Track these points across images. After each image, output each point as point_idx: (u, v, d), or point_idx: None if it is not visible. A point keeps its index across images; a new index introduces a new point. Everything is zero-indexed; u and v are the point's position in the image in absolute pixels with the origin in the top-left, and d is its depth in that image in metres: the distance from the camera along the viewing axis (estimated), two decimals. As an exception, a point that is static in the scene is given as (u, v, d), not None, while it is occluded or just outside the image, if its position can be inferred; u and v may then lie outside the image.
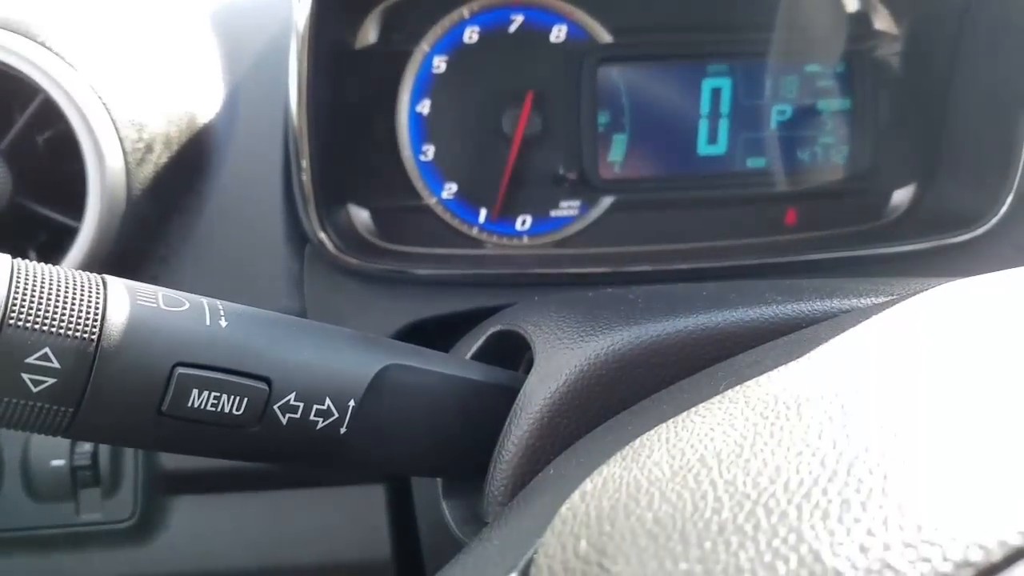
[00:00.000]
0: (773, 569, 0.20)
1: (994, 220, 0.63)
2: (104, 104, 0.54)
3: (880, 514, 0.20)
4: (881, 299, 0.41)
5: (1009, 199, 0.62)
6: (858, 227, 0.70)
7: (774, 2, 0.67)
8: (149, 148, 0.56)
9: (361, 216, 0.64)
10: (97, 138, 0.53)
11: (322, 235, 0.58)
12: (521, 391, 0.38)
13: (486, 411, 0.39)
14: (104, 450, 0.57)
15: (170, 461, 0.58)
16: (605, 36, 0.66)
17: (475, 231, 0.67)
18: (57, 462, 0.57)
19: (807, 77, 0.70)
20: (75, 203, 0.54)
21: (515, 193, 0.66)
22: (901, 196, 0.70)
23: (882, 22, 0.69)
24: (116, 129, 0.54)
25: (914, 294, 0.38)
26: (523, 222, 0.67)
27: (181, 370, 0.31)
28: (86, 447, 0.57)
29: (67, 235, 0.54)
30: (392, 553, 0.59)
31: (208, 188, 0.60)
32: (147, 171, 0.56)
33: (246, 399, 0.32)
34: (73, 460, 0.57)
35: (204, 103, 0.61)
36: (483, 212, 0.66)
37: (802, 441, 0.24)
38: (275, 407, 0.33)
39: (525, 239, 0.67)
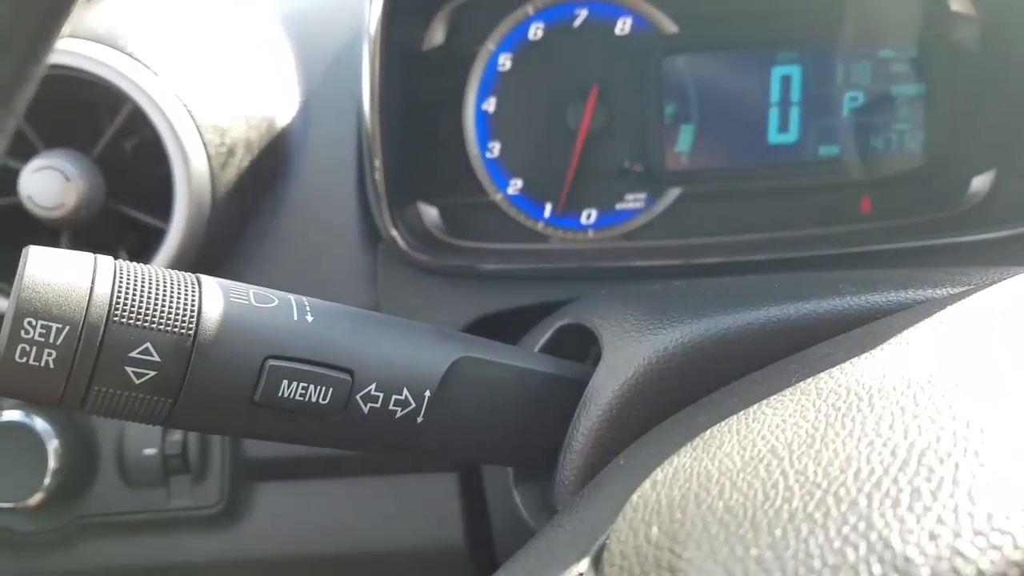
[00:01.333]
0: (843, 555, 0.21)
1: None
2: (188, 110, 0.57)
3: (951, 503, 0.21)
4: (956, 289, 0.41)
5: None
6: (935, 215, 0.68)
7: (844, -14, 0.66)
8: (231, 152, 0.58)
9: (430, 213, 0.66)
10: (183, 143, 0.56)
11: (394, 232, 0.59)
12: (589, 383, 0.39)
13: (555, 403, 0.40)
14: (193, 439, 0.61)
15: (254, 449, 0.61)
16: (670, 26, 0.66)
17: (540, 226, 0.67)
18: (149, 451, 0.60)
19: (880, 62, 0.68)
20: (163, 206, 0.57)
21: (580, 187, 0.67)
22: (980, 183, 0.68)
23: (959, 3, 0.67)
24: (200, 134, 0.56)
25: (988, 284, 0.37)
26: (588, 216, 0.68)
27: (272, 362, 0.33)
28: (176, 436, 0.60)
29: (156, 236, 0.57)
30: (465, 539, 0.60)
31: (286, 189, 0.62)
32: (230, 174, 0.58)
33: (331, 389, 0.34)
34: (164, 449, 0.60)
35: (281, 107, 0.64)
36: (548, 207, 0.67)
37: (873, 431, 0.25)
38: (357, 396, 0.35)
39: (590, 233, 0.68)
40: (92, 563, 0.62)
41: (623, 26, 0.66)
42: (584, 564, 0.25)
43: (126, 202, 0.59)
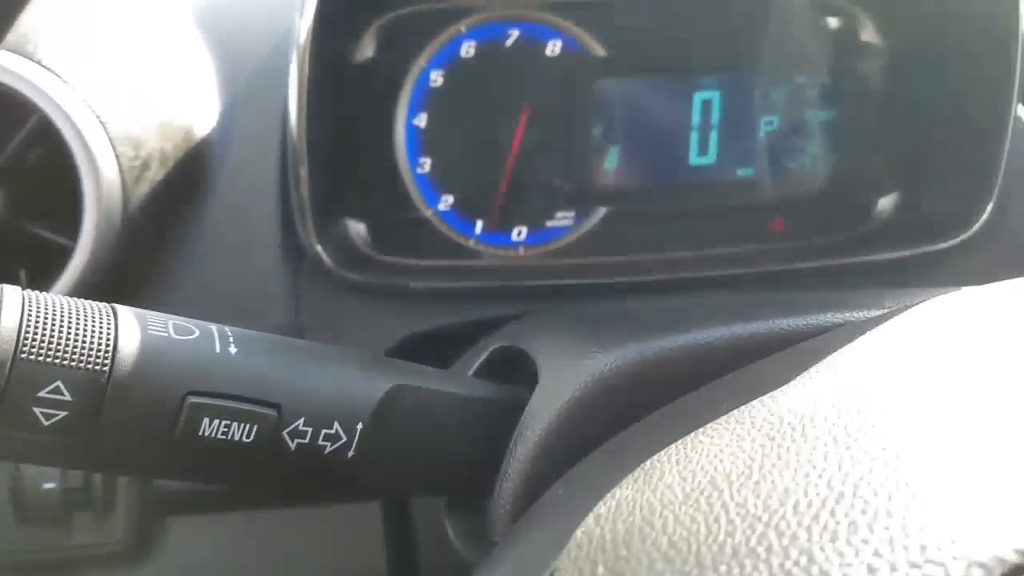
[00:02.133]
0: (786, 591, 0.21)
1: (975, 228, 0.64)
2: (100, 121, 0.54)
3: (886, 535, 0.21)
4: (873, 312, 0.42)
5: (990, 207, 0.64)
6: (843, 235, 0.71)
7: (762, 16, 0.68)
8: (146, 165, 0.56)
9: (357, 229, 0.65)
10: (93, 156, 0.53)
11: (319, 248, 0.58)
12: (526, 408, 0.39)
13: (491, 428, 0.39)
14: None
15: (165, 482, 0.58)
16: (599, 50, 0.67)
17: (472, 242, 0.67)
18: (49, 485, 0.57)
19: (794, 88, 0.71)
20: (70, 222, 0.54)
21: (511, 204, 0.67)
22: (885, 204, 0.71)
23: (868, 34, 0.70)
24: (113, 146, 0.54)
25: (905, 308, 0.39)
26: (519, 233, 0.68)
27: (192, 399, 0.32)
28: (81, 468, 0.57)
29: (61, 255, 0.54)
30: (389, 571, 0.59)
31: (204, 204, 0.60)
32: (143, 188, 0.56)
33: (256, 426, 0.33)
34: (66, 482, 0.57)
35: (200, 118, 0.62)
36: (479, 223, 0.67)
37: (808, 462, 0.25)
38: (284, 433, 0.33)
39: (521, 250, 0.68)
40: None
41: (554, 48, 0.66)
42: (529, 603, 0.25)
43: (29, 217, 0.56)
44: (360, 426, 0.35)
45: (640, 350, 0.40)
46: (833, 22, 0.70)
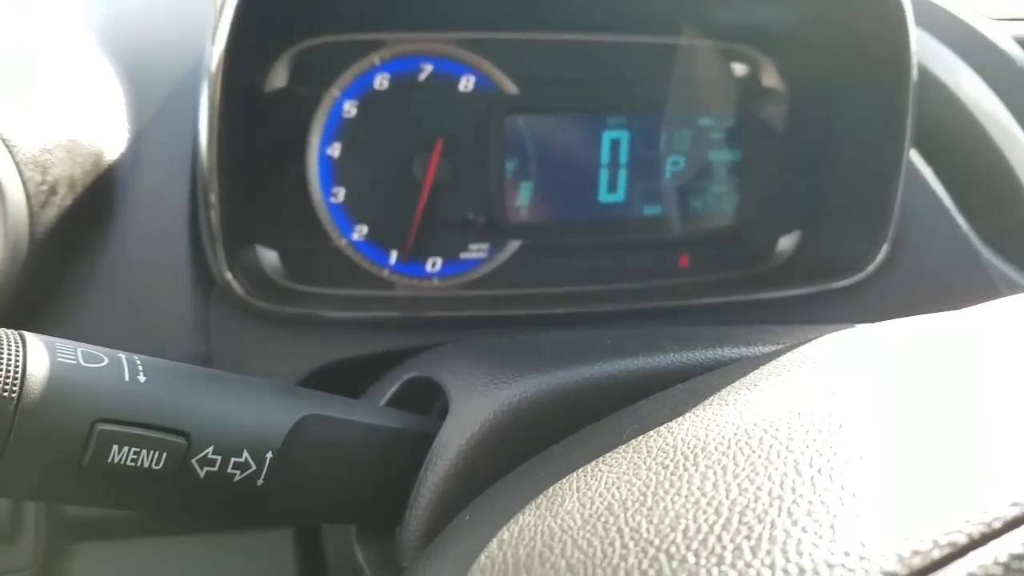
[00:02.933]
0: (674, 610, 0.22)
1: (871, 267, 0.68)
2: (6, 145, 0.52)
3: (768, 559, 0.23)
4: (767, 348, 0.45)
5: (885, 247, 0.68)
6: (746, 271, 0.75)
7: (669, 60, 0.72)
8: (53, 190, 0.54)
9: (269, 257, 0.64)
10: (-3, 179, 0.51)
11: (228, 276, 0.58)
12: (437, 437, 0.40)
13: (401, 457, 0.40)
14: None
15: (73, 508, 0.56)
16: (511, 87, 0.69)
17: (386, 273, 0.68)
18: (-51, 514, 0.54)
19: (699, 130, 0.75)
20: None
21: (425, 236, 0.68)
22: (786, 243, 0.75)
23: (770, 79, 0.75)
24: (19, 170, 0.52)
25: (796, 344, 0.42)
26: (433, 264, 0.69)
27: (101, 426, 0.31)
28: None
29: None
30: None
31: (112, 230, 0.59)
32: (50, 214, 0.55)
33: (165, 453, 0.33)
34: (-34, 511, 0.54)
35: (109, 144, 0.60)
36: (394, 254, 0.68)
37: (699, 490, 0.27)
38: (193, 460, 0.33)
39: (435, 281, 0.69)
40: None
41: (467, 84, 0.68)
42: (433, 627, 0.26)
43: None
44: (270, 455, 0.35)
45: (547, 381, 0.41)
46: (738, 68, 0.75)
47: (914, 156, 0.73)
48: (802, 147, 0.75)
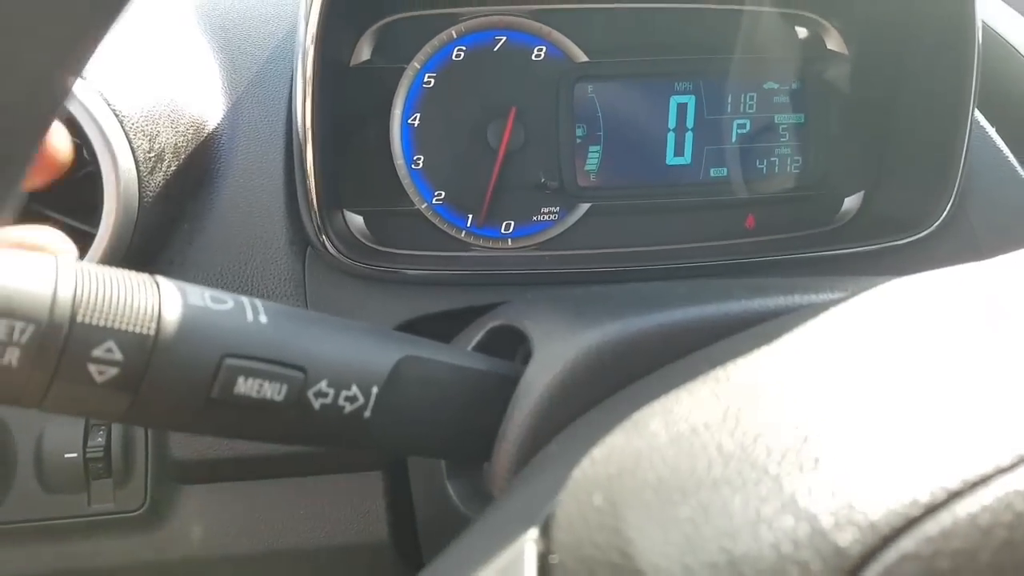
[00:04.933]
0: (759, 511, 0.24)
1: (936, 224, 0.68)
2: (116, 115, 0.56)
3: (843, 467, 0.25)
4: (835, 295, 0.46)
5: (949, 205, 0.68)
6: (812, 231, 0.75)
7: (735, 25, 0.72)
8: (160, 157, 0.58)
9: (355, 221, 0.67)
10: (112, 148, 0.55)
11: (324, 239, 0.61)
12: (522, 379, 0.42)
13: (490, 397, 0.42)
14: (116, 441, 0.60)
15: (180, 451, 0.60)
16: (581, 56, 0.70)
17: (463, 235, 0.70)
18: (70, 454, 0.59)
19: (765, 93, 0.74)
20: (85, 210, 0.56)
21: (499, 200, 0.70)
22: (851, 202, 0.75)
23: (833, 43, 0.74)
24: (128, 139, 0.56)
25: (862, 291, 0.42)
26: (507, 226, 0.71)
27: (228, 360, 0.34)
28: (99, 439, 0.59)
29: (82, 241, 0.56)
30: (390, 533, 0.62)
31: (213, 195, 0.62)
32: (157, 179, 0.58)
33: (285, 385, 0.35)
34: (86, 452, 0.59)
35: (209, 114, 0.64)
36: (470, 217, 0.70)
37: (778, 412, 0.28)
38: (309, 393, 0.36)
39: (509, 242, 0.71)
40: (9, 571, 0.60)
41: (539, 53, 0.69)
42: (534, 533, 0.28)
43: (52, 207, 0.58)
44: (375, 389, 0.37)
45: (625, 326, 0.43)
46: (801, 32, 0.74)
47: (978, 116, 0.72)
48: (866, 109, 0.74)
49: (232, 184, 0.62)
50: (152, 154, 0.58)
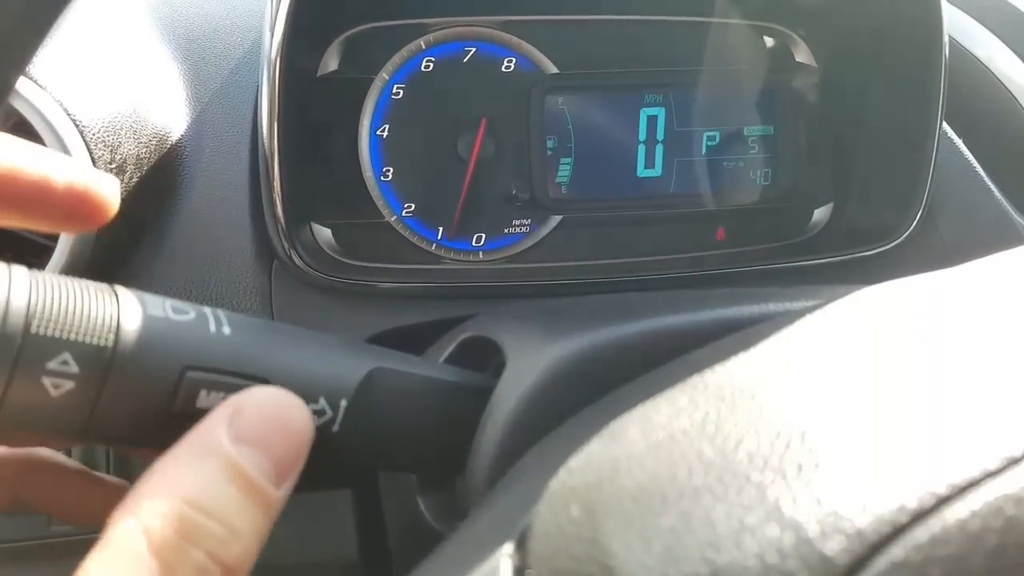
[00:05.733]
0: (741, 520, 0.23)
1: (905, 235, 0.68)
2: (76, 124, 0.54)
3: (827, 475, 0.24)
4: (809, 302, 0.45)
5: (918, 216, 0.68)
6: (781, 242, 0.75)
7: (704, 37, 0.72)
8: (121, 168, 0.56)
9: (324, 234, 0.66)
10: (72, 157, 0.53)
11: (291, 252, 0.59)
12: (495, 391, 0.41)
13: (463, 410, 0.41)
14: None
15: (143, 469, 0.58)
16: (551, 68, 0.70)
17: (433, 247, 0.69)
18: (27, 476, 0.56)
19: (734, 105, 0.74)
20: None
21: (470, 212, 0.69)
22: (821, 214, 0.75)
23: (802, 55, 0.75)
24: (89, 150, 0.54)
25: (839, 297, 0.42)
26: (478, 239, 0.70)
27: (191, 373, 0.32)
28: (57, 460, 0.57)
29: (40, 255, 0.54)
30: (359, 551, 0.60)
31: (177, 207, 0.60)
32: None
33: None
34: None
35: (173, 124, 0.62)
36: (440, 230, 0.69)
37: (759, 418, 0.28)
38: None
39: (480, 255, 0.70)
40: (-39, 597, 0.57)
41: (509, 64, 0.69)
42: (509, 547, 0.27)
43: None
44: (344, 402, 0.36)
45: (599, 336, 0.42)
46: (769, 44, 0.75)
47: (946, 129, 0.73)
48: (835, 120, 0.75)
49: (196, 196, 0.61)
50: (113, 165, 0.56)
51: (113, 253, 0.58)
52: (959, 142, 0.75)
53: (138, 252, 0.59)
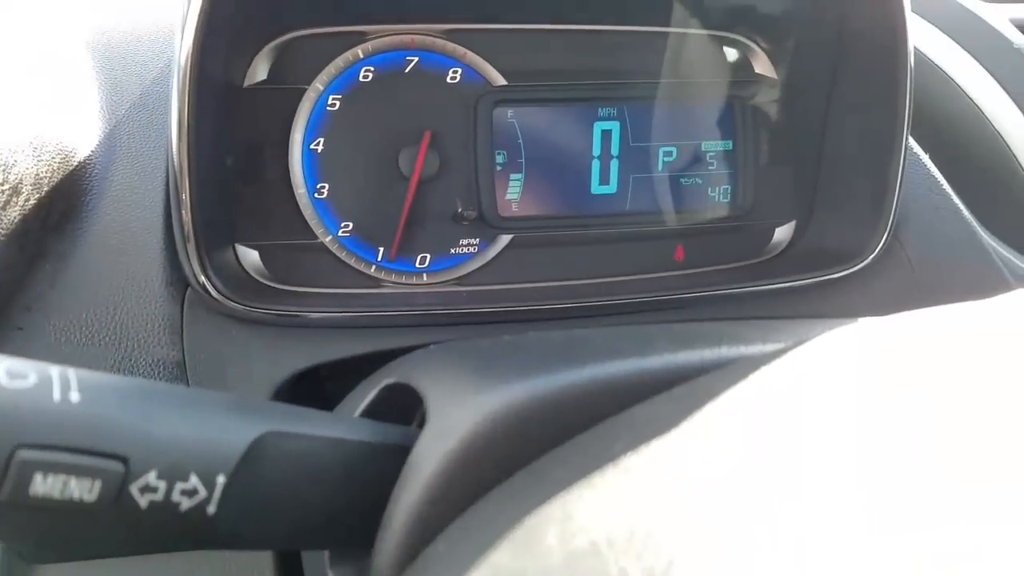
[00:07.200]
0: None
1: (871, 256, 0.63)
2: (-37, 142, 0.48)
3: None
4: (767, 347, 0.40)
5: (885, 235, 0.63)
6: (742, 262, 0.70)
7: (660, 49, 0.67)
8: (16, 190, 0.50)
9: (250, 257, 0.59)
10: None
11: (203, 278, 0.53)
12: (412, 451, 0.35)
13: (375, 473, 0.35)
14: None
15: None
16: (499, 79, 0.64)
17: (373, 269, 0.63)
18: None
19: (692, 120, 0.69)
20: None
21: (413, 231, 0.63)
22: (782, 233, 0.70)
23: (762, 66, 0.69)
24: (-24, 169, 0.48)
25: (796, 344, 0.37)
26: (422, 260, 0.64)
27: (22, 453, 0.26)
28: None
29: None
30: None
31: (82, 230, 0.54)
32: (13, 215, 0.50)
33: (98, 481, 0.28)
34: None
35: (81, 140, 0.55)
36: (381, 251, 0.63)
37: (700, 529, 0.22)
38: (132, 488, 0.28)
39: (424, 277, 0.64)
40: None
41: (454, 75, 0.63)
42: None
43: None
44: (221, 479, 0.30)
45: (531, 387, 0.36)
46: (729, 55, 0.69)
47: (912, 143, 0.68)
48: (796, 135, 0.70)
49: (104, 218, 0.54)
50: (7, 186, 0.49)
51: (7, 282, 0.51)
52: (925, 157, 0.70)
53: (36, 280, 0.52)
